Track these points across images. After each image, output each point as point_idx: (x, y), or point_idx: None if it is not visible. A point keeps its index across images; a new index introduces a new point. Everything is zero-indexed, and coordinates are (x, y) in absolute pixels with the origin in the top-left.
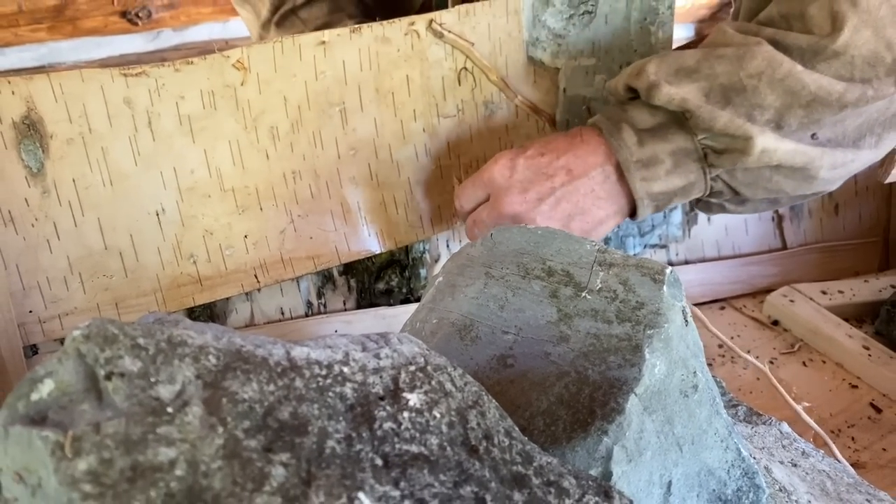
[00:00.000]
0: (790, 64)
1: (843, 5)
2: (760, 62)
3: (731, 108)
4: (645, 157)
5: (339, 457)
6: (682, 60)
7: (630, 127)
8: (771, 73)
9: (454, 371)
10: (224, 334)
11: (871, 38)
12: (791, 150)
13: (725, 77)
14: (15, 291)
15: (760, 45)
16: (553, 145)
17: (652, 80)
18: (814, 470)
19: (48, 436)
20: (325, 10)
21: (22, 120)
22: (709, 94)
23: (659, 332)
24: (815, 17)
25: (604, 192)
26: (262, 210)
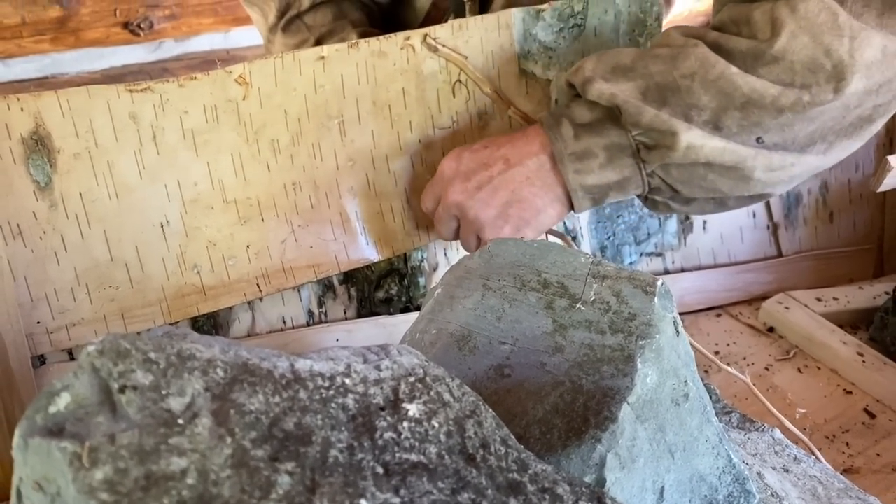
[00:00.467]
0: (724, 65)
1: (782, 11)
2: (693, 62)
3: (668, 108)
4: (579, 149)
5: (342, 465)
6: (619, 59)
7: (569, 121)
8: (704, 73)
9: (452, 382)
10: (231, 347)
11: (810, 43)
12: (719, 148)
13: (660, 76)
14: (23, 303)
15: (697, 46)
16: (497, 139)
17: (587, 75)
18: (805, 475)
19: (66, 447)
20: (330, 17)
21: (30, 135)
22: (645, 93)
23: (650, 343)
24: (758, 23)
25: (539, 180)
26: (264, 220)
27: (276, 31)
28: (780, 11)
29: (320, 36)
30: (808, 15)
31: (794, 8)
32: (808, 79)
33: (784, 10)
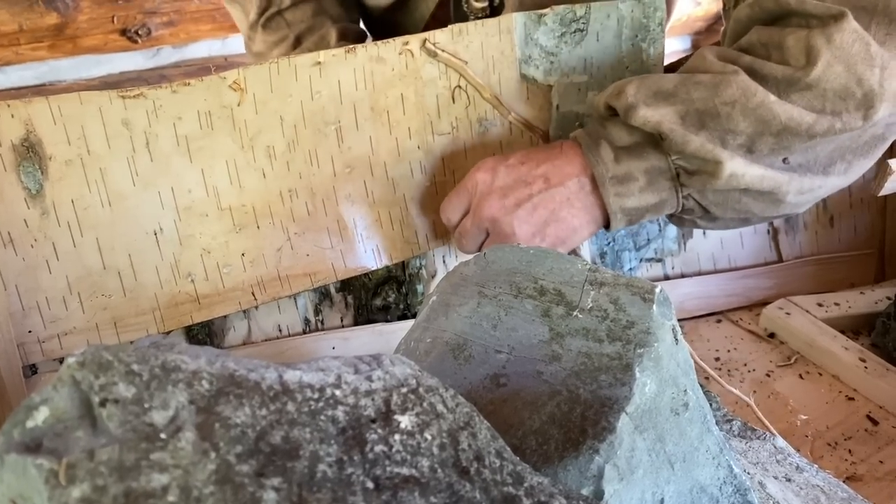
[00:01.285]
0: (763, 94)
1: (818, 40)
2: (735, 90)
3: (705, 132)
4: (620, 173)
5: (331, 480)
6: (660, 84)
7: (608, 143)
8: (744, 101)
9: (446, 392)
10: (218, 358)
11: (843, 73)
12: (759, 176)
13: (701, 103)
14: (14, 311)
15: (737, 73)
16: (533, 155)
17: (630, 101)
18: (808, 485)
19: (42, 463)
20: (309, 13)
21: (21, 142)
22: (684, 118)
23: (649, 351)
24: (791, 49)
25: (579, 202)
26: (259, 228)
27: (256, 28)
28: (817, 40)
29: (300, 33)
30: (843, 45)
31: (830, 38)
32: (839, 105)
33: (820, 39)
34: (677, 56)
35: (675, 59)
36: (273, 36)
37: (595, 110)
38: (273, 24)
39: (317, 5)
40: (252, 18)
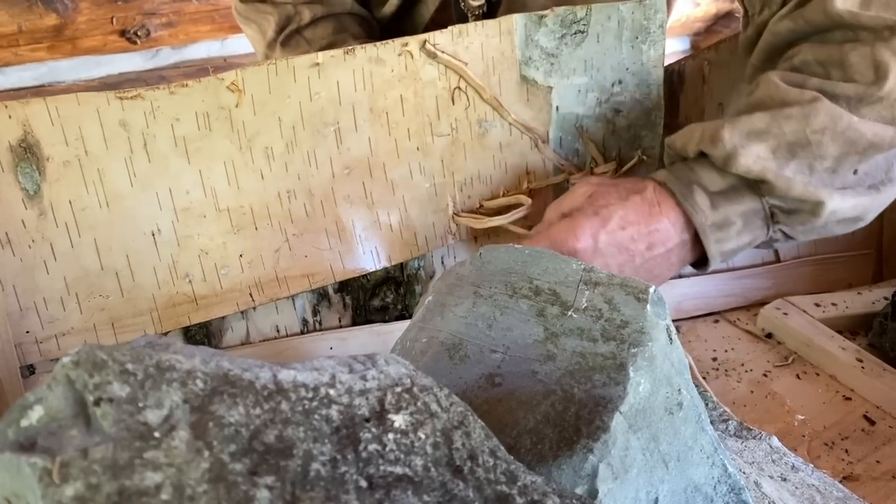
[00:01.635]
0: (848, 116)
1: (884, 54)
2: (824, 118)
3: (795, 162)
4: (718, 219)
5: (324, 479)
6: (752, 124)
7: (701, 189)
8: (833, 126)
9: (440, 392)
10: (212, 358)
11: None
12: (853, 205)
13: (793, 135)
14: (12, 312)
15: (820, 101)
16: (633, 217)
17: (729, 149)
18: (803, 484)
19: (36, 462)
20: (330, 31)
21: (19, 143)
22: (776, 151)
23: (643, 351)
24: (857, 66)
25: (677, 256)
26: (258, 229)
27: (274, 47)
28: (883, 54)
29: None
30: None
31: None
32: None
33: (886, 52)
34: (676, 57)
35: (674, 59)
36: (292, 53)
37: (677, 152)
38: (293, 42)
39: (337, 24)
40: (270, 37)
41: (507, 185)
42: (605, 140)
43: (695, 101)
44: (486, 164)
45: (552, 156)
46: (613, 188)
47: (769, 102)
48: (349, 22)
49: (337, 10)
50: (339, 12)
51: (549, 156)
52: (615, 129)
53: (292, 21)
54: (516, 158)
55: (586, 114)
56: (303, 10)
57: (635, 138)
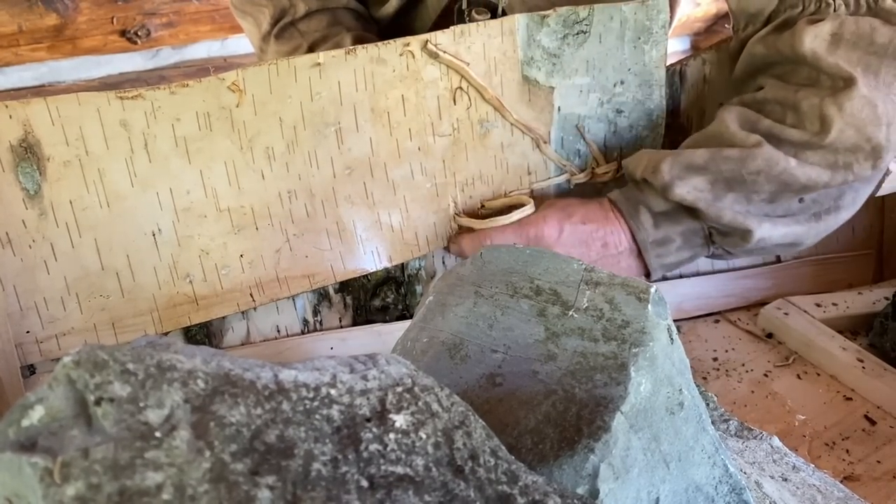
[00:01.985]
0: (785, 161)
1: (830, 109)
2: (760, 162)
3: (733, 194)
4: (659, 237)
5: (325, 479)
6: (692, 159)
7: (646, 209)
8: (768, 170)
9: (441, 391)
10: (213, 358)
11: (854, 134)
12: (783, 234)
13: (729, 173)
14: (12, 312)
15: (760, 146)
16: (592, 216)
17: (666, 180)
18: (804, 484)
19: (37, 462)
20: (324, 24)
21: (19, 143)
22: (714, 184)
23: (644, 351)
24: (806, 114)
25: (625, 261)
26: (258, 230)
27: (268, 40)
28: (829, 109)
29: (314, 41)
30: (853, 112)
31: (841, 106)
32: (850, 158)
33: (832, 108)
34: (677, 57)
35: (675, 59)
36: (286, 46)
37: (629, 174)
38: (286, 34)
39: (332, 17)
40: (265, 30)
41: (509, 185)
42: (606, 140)
43: (696, 101)
44: (488, 165)
45: (554, 156)
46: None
47: (715, 140)
48: (344, 16)
49: (332, 4)
50: (334, 6)
51: (550, 156)
52: (617, 129)
53: (287, 14)
54: (518, 159)
55: (588, 114)
56: (297, 3)
57: (637, 139)
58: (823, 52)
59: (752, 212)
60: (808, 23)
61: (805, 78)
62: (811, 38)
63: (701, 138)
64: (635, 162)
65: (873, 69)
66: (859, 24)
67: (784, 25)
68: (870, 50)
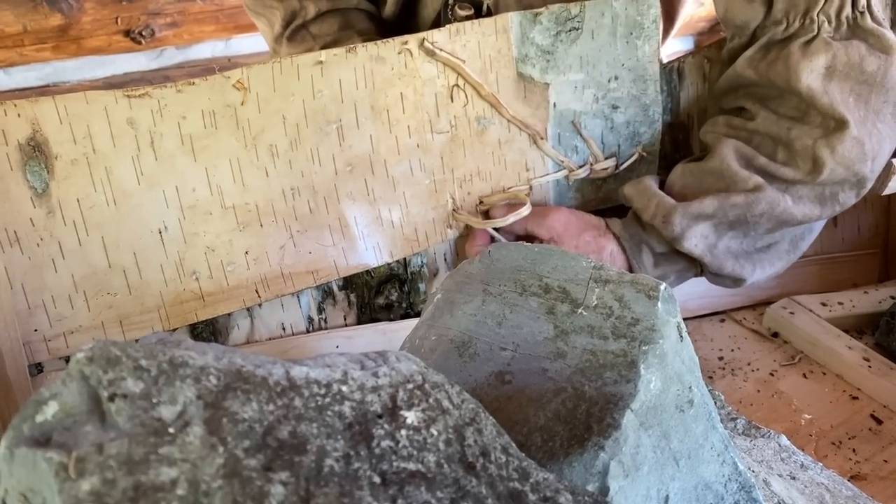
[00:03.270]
0: (785, 202)
1: (823, 152)
2: (764, 206)
3: (732, 233)
4: (656, 275)
5: (338, 475)
6: (702, 209)
7: (648, 249)
8: (770, 211)
9: (452, 388)
10: (225, 354)
11: (843, 172)
12: (769, 274)
13: (734, 216)
14: (20, 310)
15: (763, 190)
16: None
17: (676, 232)
18: (812, 483)
19: (52, 457)
20: (336, 27)
21: (27, 142)
22: (717, 227)
23: (654, 348)
24: (799, 153)
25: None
26: (262, 226)
27: (281, 41)
28: (822, 152)
29: (325, 45)
30: (843, 153)
31: (834, 149)
32: (836, 189)
33: (825, 150)
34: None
35: (675, 58)
36: (298, 48)
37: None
38: (298, 36)
39: (343, 19)
40: (277, 31)
41: (507, 181)
42: (603, 136)
43: (695, 99)
44: (486, 161)
45: (551, 152)
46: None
47: (716, 177)
48: (356, 17)
49: (343, 4)
50: (345, 7)
51: (548, 152)
52: (613, 125)
53: (297, 16)
54: (515, 155)
55: (584, 110)
56: (308, 5)
57: (634, 135)
58: (819, 89)
59: (744, 248)
60: (802, 54)
61: (794, 109)
62: (807, 73)
63: (700, 174)
64: (642, 202)
65: (864, 98)
66: (849, 53)
67: (771, 46)
68: (860, 79)
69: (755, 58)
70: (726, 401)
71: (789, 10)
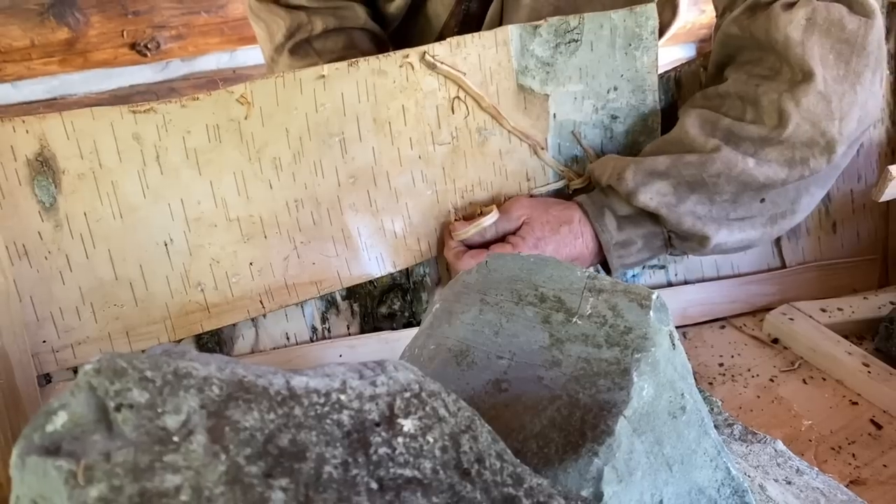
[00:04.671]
0: (743, 163)
1: (788, 104)
2: (720, 165)
3: (695, 196)
4: (621, 239)
5: (336, 481)
6: (654, 165)
7: (611, 213)
8: (728, 172)
9: (448, 397)
10: (227, 365)
11: (810, 129)
12: (739, 239)
13: (690, 177)
14: (29, 322)
15: (719, 150)
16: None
17: (630, 187)
18: (808, 487)
19: (62, 465)
20: (340, 45)
21: (35, 157)
22: (676, 187)
23: (646, 356)
24: (765, 109)
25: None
26: (267, 238)
27: (282, 52)
28: (787, 104)
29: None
30: (808, 107)
31: (798, 102)
32: (805, 153)
33: (790, 103)
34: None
35: (672, 68)
36: (300, 62)
37: (595, 181)
38: (301, 50)
39: (348, 38)
40: (278, 41)
41: (508, 191)
42: (603, 146)
43: None
44: (487, 171)
45: (551, 162)
46: (546, 216)
47: (675, 146)
48: (360, 38)
49: (349, 24)
50: (351, 27)
51: (548, 162)
52: (613, 134)
53: (303, 29)
54: (516, 165)
55: (583, 120)
56: (315, 20)
57: (634, 144)
58: (796, 38)
59: (713, 215)
60: (783, 9)
61: (768, 69)
62: (786, 22)
63: (661, 144)
64: (601, 168)
65: (844, 57)
66: (830, 10)
67: (756, 7)
68: (841, 37)
69: (740, 18)
70: (726, 407)
71: None
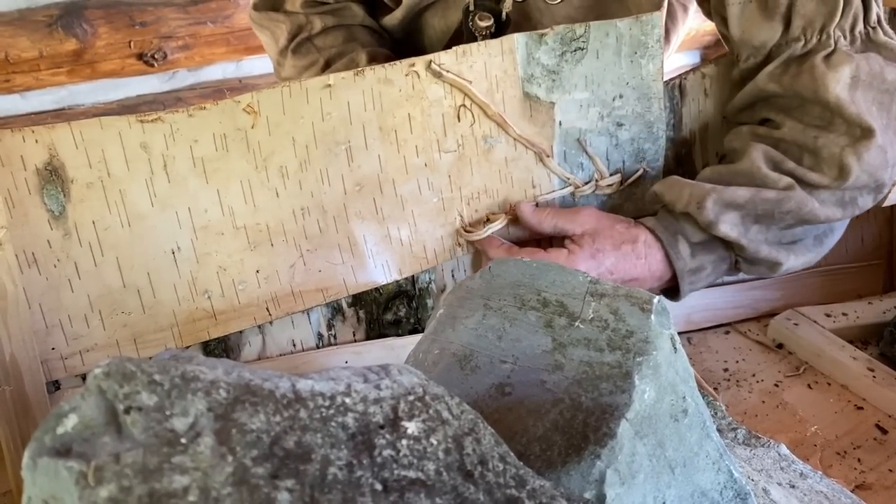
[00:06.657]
0: (812, 204)
1: (850, 159)
2: (793, 204)
3: (757, 226)
4: (694, 266)
5: (341, 482)
6: (734, 197)
7: (685, 239)
8: (798, 210)
9: (451, 400)
10: (234, 369)
11: (867, 179)
12: (803, 262)
13: (763, 210)
14: (38, 329)
15: (794, 190)
16: (621, 266)
17: (711, 218)
18: (812, 491)
19: (73, 466)
20: (340, 40)
21: (44, 166)
22: (744, 218)
23: (648, 360)
24: (826, 160)
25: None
26: (273, 246)
27: (286, 54)
28: (849, 159)
29: (330, 57)
30: (869, 161)
31: (860, 157)
32: (856, 193)
33: (852, 158)
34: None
35: (677, 75)
36: (303, 61)
37: (665, 205)
38: (303, 49)
39: (347, 33)
40: (282, 44)
41: (514, 198)
42: (608, 153)
43: (697, 115)
44: (493, 179)
45: (557, 169)
46: (610, 232)
47: (747, 178)
48: (360, 33)
49: (348, 21)
50: (349, 23)
51: (554, 170)
52: (618, 142)
53: (303, 30)
54: (522, 173)
55: (589, 128)
56: (314, 20)
57: (639, 151)
58: (847, 98)
59: (770, 240)
60: (827, 66)
61: (818, 118)
62: (834, 83)
63: (728, 174)
64: (673, 193)
65: (886, 107)
66: (870, 64)
67: (791, 61)
68: (882, 88)
69: (776, 73)
70: (732, 412)
71: (806, 27)
